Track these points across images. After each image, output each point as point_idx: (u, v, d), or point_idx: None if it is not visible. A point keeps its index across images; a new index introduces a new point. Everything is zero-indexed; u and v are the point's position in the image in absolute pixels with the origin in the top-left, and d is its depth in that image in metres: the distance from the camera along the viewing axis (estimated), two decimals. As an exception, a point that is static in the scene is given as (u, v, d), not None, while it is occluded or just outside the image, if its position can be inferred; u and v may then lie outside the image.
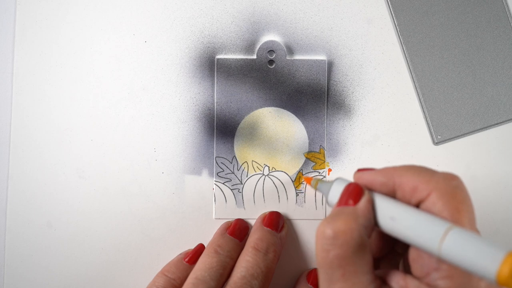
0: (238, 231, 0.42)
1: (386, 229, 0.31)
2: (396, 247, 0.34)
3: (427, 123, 0.44)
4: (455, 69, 0.44)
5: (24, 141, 0.44)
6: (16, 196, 0.44)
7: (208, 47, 0.44)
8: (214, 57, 0.44)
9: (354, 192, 0.32)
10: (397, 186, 0.31)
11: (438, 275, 0.29)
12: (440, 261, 0.29)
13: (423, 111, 0.44)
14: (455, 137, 0.44)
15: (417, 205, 0.31)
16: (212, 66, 0.44)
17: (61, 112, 0.44)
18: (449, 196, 0.29)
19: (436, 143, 0.44)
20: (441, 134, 0.44)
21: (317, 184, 0.37)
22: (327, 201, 0.34)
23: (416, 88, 0.44)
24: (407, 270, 0.32)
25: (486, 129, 0.44)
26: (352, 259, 0.29)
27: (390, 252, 0.34)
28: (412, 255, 0.30)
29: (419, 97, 0.44)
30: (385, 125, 0.44)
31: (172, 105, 0.44)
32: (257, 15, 0.44)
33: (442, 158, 0.44)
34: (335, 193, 0.33)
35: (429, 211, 0.30)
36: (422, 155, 0.44)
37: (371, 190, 0.32)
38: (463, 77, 0.44)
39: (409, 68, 0.44)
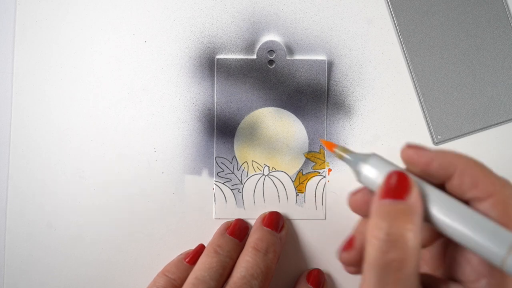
0: (238, 231, 0.42)
1: (439, 227, 0.28)
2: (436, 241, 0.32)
3: (427, 123, 0.44)
4: (455, 69, 0.44)
5: (24, 141, 0.44)
6: (16, 196, 0.44)
7: (208, 47, 0.44)
8: (214, 57, 0.44)
9: (404, 182, 0.28)
10: (457, 174, 0.28)
11: (487, 282, 0.27)
12: (504, 274, 0.27)
13: (423, 111, 0.44)
14: (455, 137, 0.44)
15: (467, 201, 0.29)
16: (212, 66, 0.44)
17: (61, 112, 0.44)
18: (508, 206, 0.27)
19: (436, 143, 0.44)
20: (441, 134, 0.44)
21: (344, 153, 0.32)
22: (358, 178, 0.31)
23: (416, 88, 0.44)
24: (447, 266, 0.30)
25: (486, 129, 0.44)
26: (410, 263, 0.27)
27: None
28: (462, 257, 0.29)
29: (419, 97, 0.44)
30: (385, 125, 0.44)
31: (172, 105, 0.44)
32: (257, 15, 0.44)
33: (442, 158, 0.44)
34: (372, 171, 0.30)
35: (485, 213, 0.28)
36: (422, 155, 0.44)
37: (424, 172, 0.29)
38: (463, 77, 0.44)
39: (409, 68, 0.44)
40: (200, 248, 0.42)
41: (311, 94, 0.44)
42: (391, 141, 0.44)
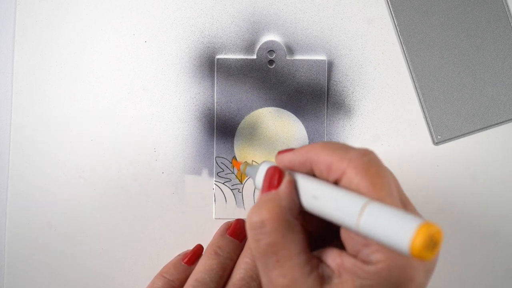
0: (238, 232, 0.42)
1: (309, 208, 0.31)
2: (332, 225, 0.34)
3: (427, 123, 0.44)
4: (455, 69, 0.44)
5: (24, 141, 0.44)
6: (16, 196, 0.44)
7: (208, 47, 0.44)
8: (214, 57, 0.44)
9: (274, 175, 0.32)
10: (313, 165, 0.31)
11: (369, 250, 0.28)
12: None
13: (423, 111, 0.44)
14: (455, 137, 0.44)
15: (335, 183, 0.30)
16: (212, 66, 0.44)
17: (61, 112, 0.44)
18: (363, 172, 0.29)
19: (436, 143, 0.44)
20: (441, 134, 0.44)
21: (246, 168, 0.37)
22: (255, 185, 0.34)
23: (416, 88, 0.44)
24: (343, 248, 0.31)
25: (486, 129, 0.44)
26: (282, 243, 0.29)
27: (328, 231, 0.34)
28: (342, 233, 0.30)
29: (419, 97, 0.44)
30: (385, 125, 0.44)
31: (172, 105, 0.44)
32: (257, 15, 0.44)
33: (442, 158, 0.44)
34: (262, 176, 0.33)
35: (347, 189, 0.29)
36: (422, 155, 0.44)
37: (292, 170, 0.32)
38: (463, 77, 0.44)
39: (409, 68, 0.44)
40: (198, 249, 0.42)
41: (311, 94, 0.44)
42: (391, 141, 0.44)
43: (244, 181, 0.44)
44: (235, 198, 0.44)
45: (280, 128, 0.44)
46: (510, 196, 0.44)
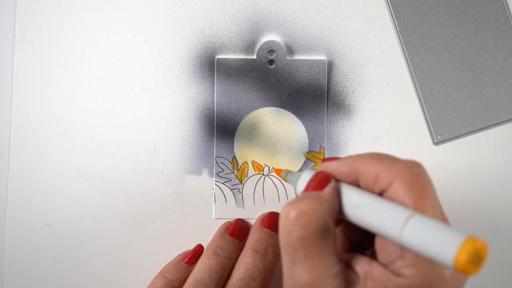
0: (238, 231, 0.42)
1: (351, 217, 0.31)
2: (365, 233, 0.34)
3: (427, 123, 0.44)
4: (455, 69, 0.44)
5: (24, 141, 0.44)
6: (16, 196, 0.44)
7: (208, 47, 0.44)
8: (214, 57, 0.44)
9: (321, 180, 0.31)
10: (360, 175, 0.31)
11: (403, 263, 0.28)
12: (404, 249, 0.28)
13: (423, 111, 0.44)
14: (455, 137, 0.44)
15: (380, 194, 0.30)
16: (212, 66, 0.44)
17: (61, 112, 0.44)
18: (411, 184, 0.29)
19: (436, 143, 0.44)
20: (441, 134, 0.44)
21: (287, 175, 0.37)
22: (295, 192, 0.34)
23: (416, 88, 0.44)
24: (375, 257, 0.31)
25: (486, 129, 0.44)
26: (315, 240, 0.29)
27: (360, 238, 0.34)
28: (377, 242, 0.30)
29: (419, 97, 0.44)
30: (385, 125, 0.44)
31: (172, 105, 0.44)
32: (257, 15, 0.44)
33: (442, 158, 0.44)
34: (303, 184, 0.33)
35: (392, 200, 0.29)
36: (422, 155, 0.44)
37: (337, 180, 0.32)
38: (463, 77, 0.44)
39: (409, 68, 0.44)
40: (199, 249, 0.42)
41: (311, 94, 0.44)
42: (391, 141, 0.44)
43: (244, 181, 0.44)
44: (235, 198, 0.44)
45: (280, 128, 0.44)
46: (510, 196, 0.44)
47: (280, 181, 0.44)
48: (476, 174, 0.44)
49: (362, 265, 0.30)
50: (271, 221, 0.42)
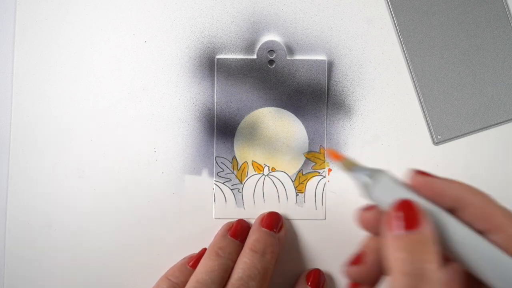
0: (239, 232, 0.42)
1: (456, 256, 0.28)
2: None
3: (427, 123, 0.44)
4: (455, 69, 0.44)
5: (24, 141, 0.44)
6: (16, 196, 0.44)
7: (208, 47, 0.44)
8: (214, 57, 0.44)
9: (413, 212, 0.28)
10: (460, 206, 0.29)
11: None
12: None
13: (423, 111, 0.44)
14: (455, 137, 0.44)
15: (479, 231, 0.29)
16: (212, 66, 0.44)
17: (61, 112, 0.44)
18: None
19: (436, 143, 0.44)
20: (441, 134, 0.44)
21: (353, 167, 0.31)
22: (368, 194, 0.30)
23: (416, 88, 0.44)
24: None
25: (486, 129, 0.44)
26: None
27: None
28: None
29: (419, 97, 0.44)
30: (385, 125, 0.44)
31: (172, 105, 0.44)
32: (257, 15, 0.44)
33: (442, 158, 0.44)
34: (382, 190, 0.29)
35: (498, 244, 0.28)
36: (422, 155, 0.44)
37: (431, 199, 0.29)
38: (463, 77, 0.44)
39: (409, 68, 0.44)
40: (204, 252, 0.42)
41: (311, 94, 0.44)
42: (391, 141, 0.44)
43: (244, 181, 0.44)
44: (235, 198, 0.44)
45: (280, 128, 0.44)
46: (510, 196, 0.44)
47: (280, 181, 0.44)
48: (476, 174, 0.44)
49: None
50: (270, 221, 0.42)
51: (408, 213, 0.28)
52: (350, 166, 0.31)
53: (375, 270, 0.30)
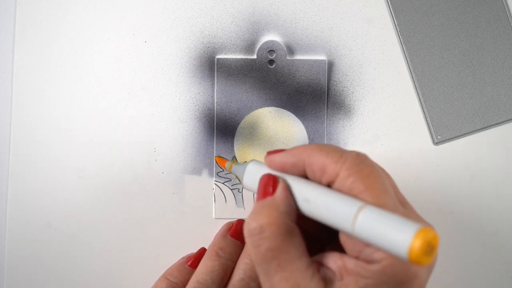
0: (239, 232, 0.42)
1: (304, 211, 0.31)
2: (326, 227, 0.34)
3: (427, 123, 0.44)
4: (455, 69, 0.44)
5: (24, 141, 0.44)
6: (16, 196, 0.44)
7: (208, 47, 0.44)
8: (214, 57, 0.44)
9: (269, 182, 0.31)
10: (306, 167, 0.31)
11: (371, 249, 0.28)
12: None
13: (423, 111, 0.44)
14: (455, 137, 0.44)
15: (328, 186, 0.30)
16: (212, 66, 0.44)
17: (61, 112, 0.44)
18: (357, 173, 0.29)
19: (436, 143, 0.44)
20: (441, 134, 0.44)
21: (232, 166, 0.37)
22: (242, 184, 0.35)
23: (416, 88, 0.44)
24: (343, 251, 0.31)
25: (486, 129, 0.44)
26: (283, 247, 0.29)
27: (326, 232, 0.34)
28: (341, 236, 0.30)
29: (419, 97, 0.44)
30: (385, 125, 0.44)
31: (172, 105, 0.44)
32: (257, 15, 0.44)
33: (442, 158, 0.44)
34: (250, 175, 0.34)
35: (340, 191, 0.29)
36: (422, 155, 0.44)
37: (284, 172, 0.32)
38: (463, 77, 0.44)
39: (409, 68, 0.44)
40: (202, 252, 0.42)
41: (311, 94, 0.44)
42: (391, 141, 0.44)
43: (244, 181, 0.44)
44: (235, 198, 0.44)
45: (280, 128, 0.44)
46: (510, 196, 0.44)
47: (280, 181, 0.44)
48: (476, 174, 0.44)
49: (334, 261, 0.30)
50: None
51: (266, 183, 0.32)
52: (230, 167, 0.37)
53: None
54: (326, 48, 0.44)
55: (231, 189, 0.44)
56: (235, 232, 0.42)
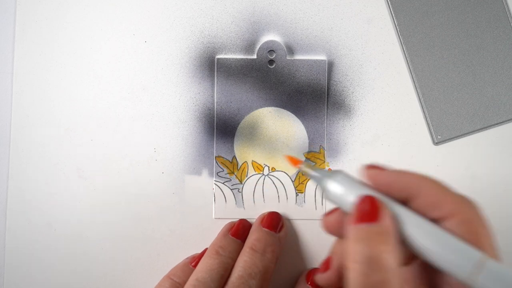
0: (241, 232, 0.42)
1: (412, 248, 0.29)
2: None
3: (427, 123, 0.44)
4: (455, 69, 0.44)
5: (24, 141, 0.44)
6: (16, 196, 0.44)
7: (208, 47, 0.44)
8: (214, 57, 0.44)
9: (373, 206, 0.29)
10: (415, 195, 0.29)
11: None
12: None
13: (423, 111, 0.44)
14: (455, 137, 0.44)
15: (433, 220, 0.29)
16: (212, 66, 0.44)
17: (61, 112, 0.44)
18: (472, 222, 0.28)
19: (436, 143, 0.44)
20: (441, 134, 0.44)
21: (310, 170, 0.33)
22: (325, 194, 0.31)
23: (416, 88, 0.44)
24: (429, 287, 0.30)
25: (486, 129, 0.44)
26: (394, 282, 0.27)
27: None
28: (441, 279, 0.29)
29: (419, 97, 0.44)
30: (385, 125, 0.44)
31: (172, 105, 0.44)
32: (257, 15, 0.44)
33: (442, 158, 0.44)
34: (339, 189, 0.30)
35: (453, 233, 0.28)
36: (422, 155, 0.44)
37: (385, 192, 0.30)
38: (463, 77, 0.44)
39: (409, 68, 0.44)
40: None
41: (311, 94, 0.44)
42: (391, 141, 0.44)
43: (244, 181, 0.44)
44: (235, 198, 0.44)
45: (280, 128, 0.44)
46: (510, 196, 0.44)
47: (280, 181, 0.44)
48: (476, 174, 0.44)
49: None
50: (271, 221, 0.42)
51: (368, 207, 0.29)
52: (308, 170, 0.33)
53: (341, 273, 0.31)
54: (326, 48, 0.44)
55: (231, 189, 0.44)
56: (236, 231, 0.42)
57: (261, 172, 0.44)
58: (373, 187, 0.30)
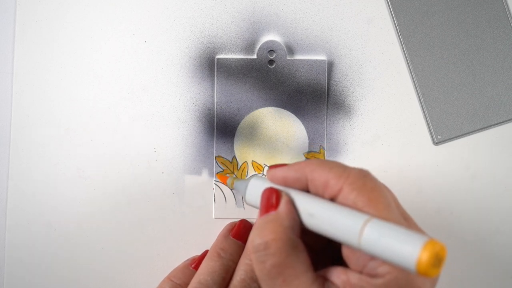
0: (242, 233, 0.42)
1: (308, 226, 0.31)
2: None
3: (427, 123, 0.44)
4: (455, 69, 0.44)
5: (24, 141, 0.44)
6: (16, 196, 0.44)
7: (208, 47, 0.44)
8: (214, 57, 0.44)
9: (272, 196, 0.32)
10: (309, 181, 0.31)
11: (375, 263, 0.28)
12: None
13: (423, 111, 0.44)
14: (455, 137, 0.44)
15: (331, 200, 0.31)
16: (212, 66, 0.44)
17: (61, 112, 0.44)
18: (360, 187, 0.29)
19: (436, 143, 0.44)
20: (441, 134, 0.44)
21: (233, 183, 0.37)
22: (245, 200, 0.35)
23: (416, 88, 0.44)
24: (347, 265, 0.31)
25: (486, 129, 0.44)
26: (288, 263, 0.29)
27: (330, 246, 0.34)
28: (344, 250, 0.30)
29: (419, 97, 0.44)
30: (385, 125, 0.44)
31: (172, 105, 0.44)
32: (257, 15, 0.44)
33: (442, 158, 0.44)
34: (252, 191, 0.34)
35: (344, 205, 0.29)
36: (422, 155, 0.44)
37: (286, 186, 0.32)
38: (463, 77, 0.44)
39: (409, 68, 0.44)
40: (206, 254, 0.42)
41: (311, 94, 0.44)
42: (391, 141, 0.44)
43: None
44: (234, 198, 0.44)
45: (280, 128, 0.44)
46: (510, 196, 0.44)
47: (280, 181, 0.44)
48: (476, 174, 0.44)
49: (338, 275, 0.30)
50: None
51: (268, 198, 0.32)
52: (232, 184, 0.38)
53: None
54: (326, 48, 0.44)
55: (231, 189, 0.44)
56: (237, 233, 0.42)
57: (261, 172, 0.44)
58: (276, 183, 0.33)
